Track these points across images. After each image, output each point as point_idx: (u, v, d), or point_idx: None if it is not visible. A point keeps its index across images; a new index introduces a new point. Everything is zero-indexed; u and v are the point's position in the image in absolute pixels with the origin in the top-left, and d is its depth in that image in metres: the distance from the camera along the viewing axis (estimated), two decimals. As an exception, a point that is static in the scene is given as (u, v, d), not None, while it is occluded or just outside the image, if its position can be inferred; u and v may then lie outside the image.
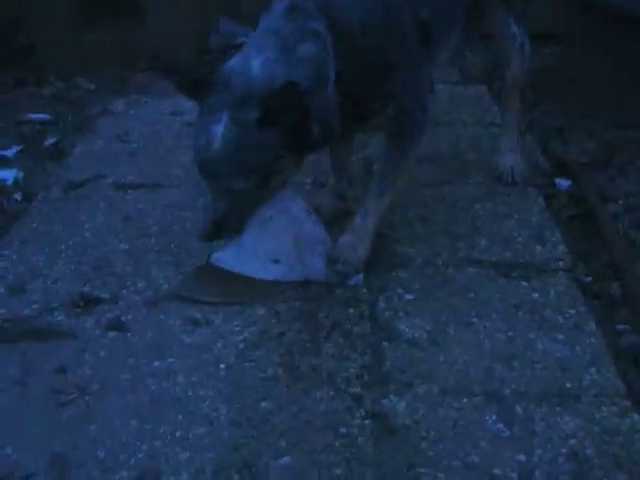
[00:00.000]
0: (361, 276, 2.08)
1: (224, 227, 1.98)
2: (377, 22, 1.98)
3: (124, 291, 2.09)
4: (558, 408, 1.70)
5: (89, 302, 2.04)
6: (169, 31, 3.51)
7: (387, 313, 1.98)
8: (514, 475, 1.54)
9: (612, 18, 2.92)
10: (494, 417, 1.68)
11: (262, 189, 1.95)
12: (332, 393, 1.74)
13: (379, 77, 2.01)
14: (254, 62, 1.89)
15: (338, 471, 1.56)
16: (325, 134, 1.95)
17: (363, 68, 1.97)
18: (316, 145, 1.97)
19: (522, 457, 1.58)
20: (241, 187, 1.91)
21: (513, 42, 2.46)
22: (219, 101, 1.89)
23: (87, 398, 1.75)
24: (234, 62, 1.95)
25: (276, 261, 2.07)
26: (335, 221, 2.26)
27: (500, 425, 1.66)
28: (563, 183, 2.61)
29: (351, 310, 1.99)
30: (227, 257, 2.08)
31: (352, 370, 1.81)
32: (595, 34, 3.03)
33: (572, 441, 1.61)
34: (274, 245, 2.08)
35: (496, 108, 3.03)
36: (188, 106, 3.07)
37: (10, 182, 2.73)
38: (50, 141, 3.04)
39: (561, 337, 1.90)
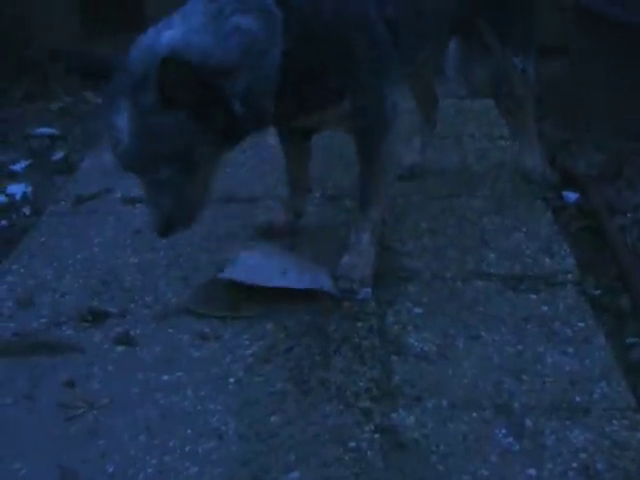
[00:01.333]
0: (369, 290, 2.08)
1: (173, 219, 1.86)
2: (330, 4, 1.87)
3: (132, 305, 2.09)
4: (568, 422, 1.69)
5: (98, 316, 2.04)
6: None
7: (396, 327, 1.98)
8: (524, 489, 1.54)
9: (620, 31, 2.93)
10: (504, 431, 1.67)
11: (193, 176, 1.81)
12: (341, 407, 1.74)
13: (332, 63, 1.90)
14: (167, 33, 1.71)
15: (347, 486, 1.55)
16: (254, 117, 1.81)
17: (315, 51, 1.84)
18: (244, 129, 1.83)
19: (532, 471, 1.57)
20: (166, 176, 1.77)
21: (514, 71, 2.44)
22: (119, 85, 1.73)
23: (96, 412, 1.75)
24: (146, 34, 1.77)
25: (284, 272, 2.07)
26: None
27: (510, 439, 1.65)
28: (571, 196, 2.61)
29: (360, 324, 1.99)
30: (235, 271, 2.08)
31: (361, 384, 1.80)
32: (602, 47, 3.03)
33: (582, 455, 1.60)
34: (280, 260, 2.11)
35: (504, 121, 3.03)
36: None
37: (19, 196, 2.74)
38: (58, 155, 3.05)
39: (570, 350, 1.89)
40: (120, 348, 1.94)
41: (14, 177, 2.89)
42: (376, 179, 2.09)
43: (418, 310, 2.04)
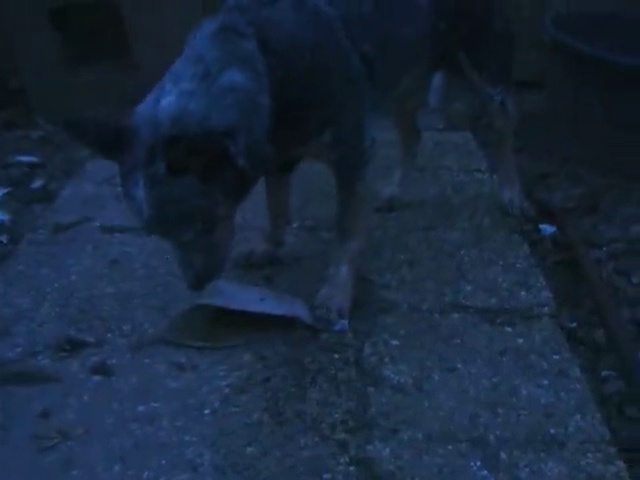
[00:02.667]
0: (346, 322, 2.08)
1: (202, 273, 1.89)
2: (309, 38, 1.91)
3: (109, 335, 2.08)
4: (543, 454, 1.70)
5: (74, 345, 2.03)
6: (159, 72, 3.53)
7: (373, 359, 1.98)
8: (499, 523, 1.54)
9: (594, 67, 2.97)
10: (479, 463, 1.67)
11: (213, 232, 1.85)
12: (317, 439, 1.74)
13: (313, 101, 1.93)
14: (163, 101, 1.75)
15: (322, 518, 1.55)
16: (258, 166, 1.84)
17: (297, 91, 1.89)
18: (251, 180, 1.87)
19: (507, 504, 1.58)
20: (190, 236, 1.83)
21: (491, 103, 2.45)
22: (131, 159, 1.76)
23: (70, 443, 1.74)
24: (145, 103, 1.81)
25: (262, 299, 2.08)
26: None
27: (485, 472, 1.66)
28: (548, 229, 2.63)
29: (336, 355, 1.99)
30: (212, 297, 2.07)
31: (337, 416, 1.80)
32: (578, 82, 3.08)
33: (557, 488, 1.61)
34: (258, 289, 2.15)
35: (481, 154, 3.07)
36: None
37: (-3, 224, 2.74)
38: (38, 184, 3.05)
39: (546, 383, 1.90)
40: (96, 378, 1.93)
41: (-7, 205, 2.89)
42: (354, 211, 2.11)
43: (395, 342, 2.04)
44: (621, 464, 1.67)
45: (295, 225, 2.56)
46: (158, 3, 3.47)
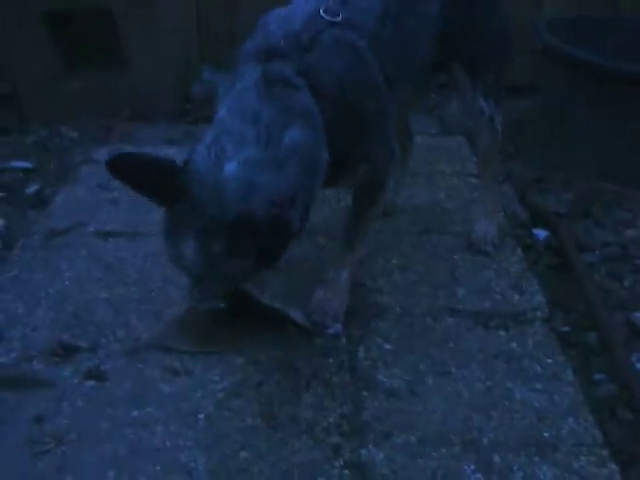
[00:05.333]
0: (340, 326, 2.09)
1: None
2: (352, 79, 1.89)
3: (103, 340, 2.08)
4: (536, 458, 1.71)
5: (68, 351, 2.03)
6: (153, 78, 3.54)
7: (366, 363, 1.99)
8: (492, 526, 1.55)
9: (586, 72, 2.98)
10: (472, 467, 1.68)
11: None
12: (311, 443, 1.74)
13: (356, 139, 1.93)
14: (228, 167, 1.68)
15: (316, 522, 1.55)
16: (305, 219, 1.81)
17: (343, 134, 1.86)
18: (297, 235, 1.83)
19: (500, 507, 1.58)
20: (228, 288, 1.93)
21: (481, 117, 2.39)
22: (183, 212, 1.72)
23: (64, 448, 1.74)
24: (204, 160, 1.71)
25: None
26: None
27: (478, 475, 1.67)
28: (541, 233, 2.64)
29: (330, 360, 2.00)
30: None
31: (331, 420, 1.81)
32: (572, 87, 3.09)
33: (550, 491, 1.62)
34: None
35: (475, 159, 3.07)
36: (170, 155, 3.10)
37: (-10, 230, 2.73)
38: (32, 189, 3.05)
39: (539, 386, 1.91)
40: (90, 383, 1.93)
41: (-14, 210, 2.89)
42: (365, 226, 2.12)
43: (388, 346, 2.05)
44: (613, 467, 1.69)
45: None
46: (151, 9, 3.47)
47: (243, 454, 1.72)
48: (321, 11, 1.91)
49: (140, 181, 1.74)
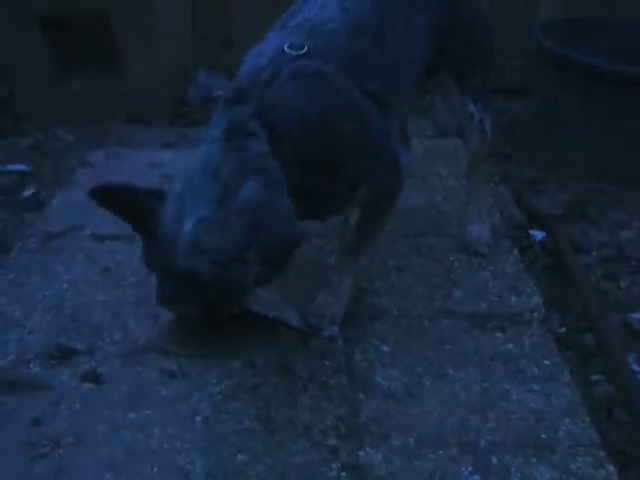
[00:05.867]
0: (336, 329, 2.09)
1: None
2: (318, 109, 1.87)
3: (100, 342, 2.08)
4: (534, 459, 1.71)
5: (65, 353, 2.03)
6: (149, 83, 3.54)
7: (363, 365, 1.99)
8: (490, 527, 1.55)
9: (581, 73, 2.99)
10: (470, 468, 1.68)
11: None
12: (308, 445, 1.74)
13: (338, 168, 1.92)
14: (184, 227, 1.80)
15: (314, 524, 1.55)
16: (281, 258, 1.88)
17: (319, 164, 1.88)
18: (274, 271, 1.89)
19: (498, 509, 1.59)
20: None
21: (471, 120, 2.38)
22: (154, 252, 1.89)
23: (61, 451, 1.74)
24: (169, 213, 1.84)
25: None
26: None
27: (476, 476, 1.67)
28: (537, 234, 2.65)
29: (327, 362, 2.00)
30: None
31: (328, 422, 1.81)
32: (566, 88, 3.10)
33: (547, 492, 1.62)
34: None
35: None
36: (166, 158, 3.11)
37: (-13, 233, 2.73)
38: (28, 192, 3.05)
39: (536, 388, 1.92)
40: (87, 386, 1.93)
41: (-17, 214, 2.88)
42: (374, 232, 2.12)
43: (385, 348, 2.05)
44: (610, 467, 1.69)
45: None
46: (147, 13, 3.48)
47: (240, 456, 1.72)
48: (285, 47, 1.91)
49: (121, 210, 1.93)
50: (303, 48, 1.91)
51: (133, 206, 1.90)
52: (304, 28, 1.97)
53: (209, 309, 1.91)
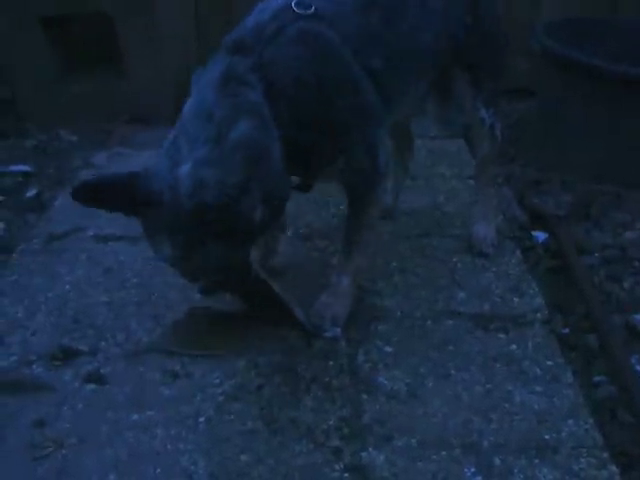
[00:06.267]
0: (338, 330, 2.09)
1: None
2: (315, 72, 1.90)
3: (103, 343, 2.08)
4: (536, 460, 1.71)
5: (68, 354, 2.03)
6: (152, 83, 3.54)
7: (366, 366, 1.99)
8: (493, 528, 1.55)
9: (584, 74, 2.99)
10: (473, 469, 1.68)
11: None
12: (311, 446, 1.74)
13: (325, 132, 1.95)
14: (182, 169, 1.78)
15: (317, 525, 1.55)
16: (277, 208, 1.91)
17: (308, 126, 1.90)
18: (272, 216, 1.91)
19: (501, 510, 1.58)
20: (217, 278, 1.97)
21: (482, 125, 2.39)
22: (155, 220, 1.84)
23: (64, 452, 1.74)
24: (161, 164, 1.83)
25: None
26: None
27: (479, 478, 1.67)
28: (540, 235, 2.64)
29: (330, 363, 2.00)
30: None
31: (331, 423, 1.81)
32: (570, 89, 3.09)
33: (550, 494, 1.62)
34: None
35: (474, 162, 3.07)
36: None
37: (-10, 234, 2.73)
38: (31, 193, 3.05)
39: (539, 389, 1.91)
40: (90, 387, 1.94)
41: (-15, 214, 2.89)
42: (363, 229, 2.11)
43: (388, 349, 2.05)
44: (614, 469, 1.69)
45: (289, 233, 2.57)
46: (150, 14, 3.48)
47: (243, 457, 1.72)
48: (293, 4, 1.93)
49: (108, 201, 1.86)
50: (310, 8, 1.93)
51: (117, 191, 1.85)
52: None
53: (222, 258, 1.86)
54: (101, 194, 1.85)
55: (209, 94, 1.84)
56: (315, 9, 1.93)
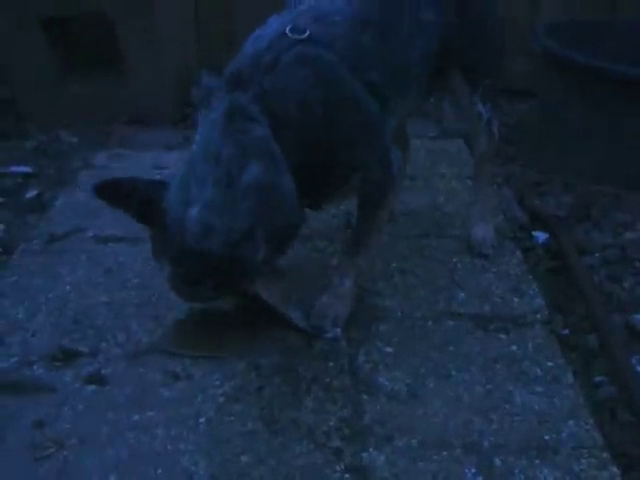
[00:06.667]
0: (338, 330, 2.09)
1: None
2: (317, 96, 1.88)
3: (104, 344, 2.08)
4: (537, 460, 1.71)
5: (68, 355, 2.03)
6: (152, 84, 3.54)
7: (367, 366, 1.99)
8: (494, 529, 1.55)
9: (585, 75, 2.99)
10: (473, 470, 1.68)
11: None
12: (312, 447, 1.74)
13: (335, 154, 1.96)
14: (192, 211, 1.80)
15: (318, 526, 1.55)
16: (285, 239, 1.92)
17: (317, 151, 1.91)
18: (280, 250, 1.94)
19: (501, 510, 1.58)
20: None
21: (479, 121, 2.38)
22: (163, 241, 1.89)
23: (65, 453, 1.74)
24: (175, 198, 1.85)
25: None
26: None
27: (480, 478, 1.67)
28: (540, 236, 2.65)
29: (331, 364, 2.00)
30: None
31: (332, 424, 1.81)
32: (570, 90, 3.09)
33: (551, 494, 1.62)
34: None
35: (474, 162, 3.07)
36: (170, 160, 3.10)
37: (-10, 235, 2.73)
38: (31, 194, 3.05)
39: (539, 389, 1.92)
40: (91, 387, 1.94)
41: (-14, 215, 2.89)
42: (371, 232, 2.12)
43: (389, 349, 2.05)
44: (614, 469, 1.69)
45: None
46: (150, 15, 3.48)
47: (244, 458, 1.72)
48: (287, 30, 1.92)
49: (126, 205, 1.90)
50: (305, 32, 1.92)
51: (138, 198, 1.88)
52: (308, 14, 1.98)
53: (219, 290, 1.91)
54: (122, 196, 1.89)
55: (214, 133, 1.84)
56: (309, 33, 1.92)
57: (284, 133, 1.85)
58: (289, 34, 1.91)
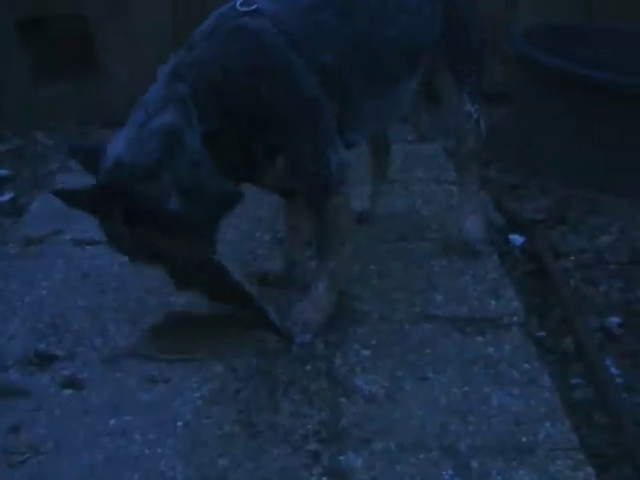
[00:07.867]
0: (308, 336, 2.08)
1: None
2: (245, 67, 1.95)
3: (80, 348, 2.07)
4: (514, 462, 1.71)
5: (44, 359, 2.02)
6: (128, 86, 3.52)
7: (344, 369, 1.99)
8: (471, 530, 1.55)
9: (562, 80, 3.01)
10: (450, 472, 1.69)
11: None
12: (289, 450, 1.74)
13: (257, 128, 1.97)
14: (109, 148, 1.93)
15: (295, 529, 1.55)
16: (202, 198, 1.93)
17: (235, 119, 1.95)
18: (205, 210, 1.94)
19: (478, 512, 1.59)
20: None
21: (468, 119, 2.41)
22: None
23: (41, 458, 1.72)
24: (109, 145, 1.96)
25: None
26: (282, 287, 2.30)
27: (457, 480, 1.67)
28: (517, 239, 2.66)
29: (308, 367, 2.00)
30: None
31: (309, 427, 1.81)
32: (546, 95, 3.11)
33: (528, 495, 1.63)
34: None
35: (451, 166, 3.08)
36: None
37: (-35, 238, 2.71)
38: (7, 197, 3.03)
39: (516, 391, 1.92)
40: (67, 392, 1.93)
41: (-39, 219, 2.86)
42: (327, 234, 2.09)
43: (366, 352, 2.05)
44: (589, 470, 1.69)
45: (267, 238, 2.57)
46: (127, 17, 3.47)
47: (221, 461, 1.71)
48: (237, 3, 2.00)
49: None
50: (253, 5, 1.99)
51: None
52: None
53: (140, 231, 1.92)
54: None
55: (155, 88, 1.98)
56: (257, 6, 1.99)
57: (207, 96, 1.93)
58: (238, 7, 1.99)
